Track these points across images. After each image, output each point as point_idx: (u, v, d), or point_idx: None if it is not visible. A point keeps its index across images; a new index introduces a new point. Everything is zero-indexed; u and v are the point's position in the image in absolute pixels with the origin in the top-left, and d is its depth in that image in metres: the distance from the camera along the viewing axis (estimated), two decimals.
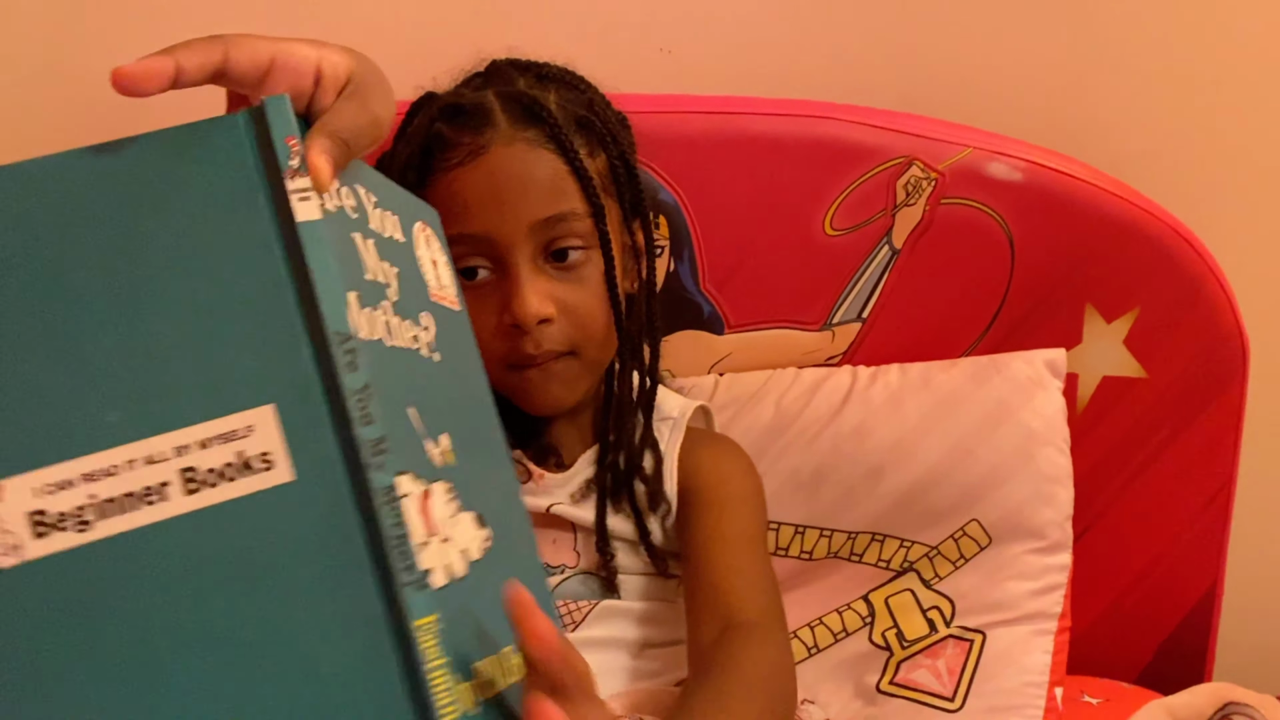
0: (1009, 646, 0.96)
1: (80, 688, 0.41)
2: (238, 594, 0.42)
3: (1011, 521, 0.99)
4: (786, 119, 1.01)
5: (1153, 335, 1.05)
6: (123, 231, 0.44)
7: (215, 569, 0.42)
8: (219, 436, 0.42)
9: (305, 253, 0.44)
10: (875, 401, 1.01)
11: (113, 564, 0.41)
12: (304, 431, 0.42)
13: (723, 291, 1.03)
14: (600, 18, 1.09)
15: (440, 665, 0.42)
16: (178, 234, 0.44)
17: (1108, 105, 1.12)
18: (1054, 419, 1.01)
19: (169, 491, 0.42)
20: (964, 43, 1.11)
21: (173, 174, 0.44)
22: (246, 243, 0.44)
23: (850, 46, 1.11)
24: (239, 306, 0.43)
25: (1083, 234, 1.03)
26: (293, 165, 0.45)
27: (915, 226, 1.03)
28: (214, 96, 0.61)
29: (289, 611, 0.42)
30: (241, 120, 0.46)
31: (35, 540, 0.41)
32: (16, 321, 0.43)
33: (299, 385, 0.43)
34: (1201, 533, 1.09)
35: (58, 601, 0.41)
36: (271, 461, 0.42)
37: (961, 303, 1.05)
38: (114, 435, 0.42)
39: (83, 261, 0.43)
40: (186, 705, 0.41)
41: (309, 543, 0.42)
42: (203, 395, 0.42)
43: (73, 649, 0.41)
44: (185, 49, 0.48)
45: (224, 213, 0.44)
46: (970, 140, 1.03)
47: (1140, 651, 1.13)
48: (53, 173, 0.45)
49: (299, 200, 0.44)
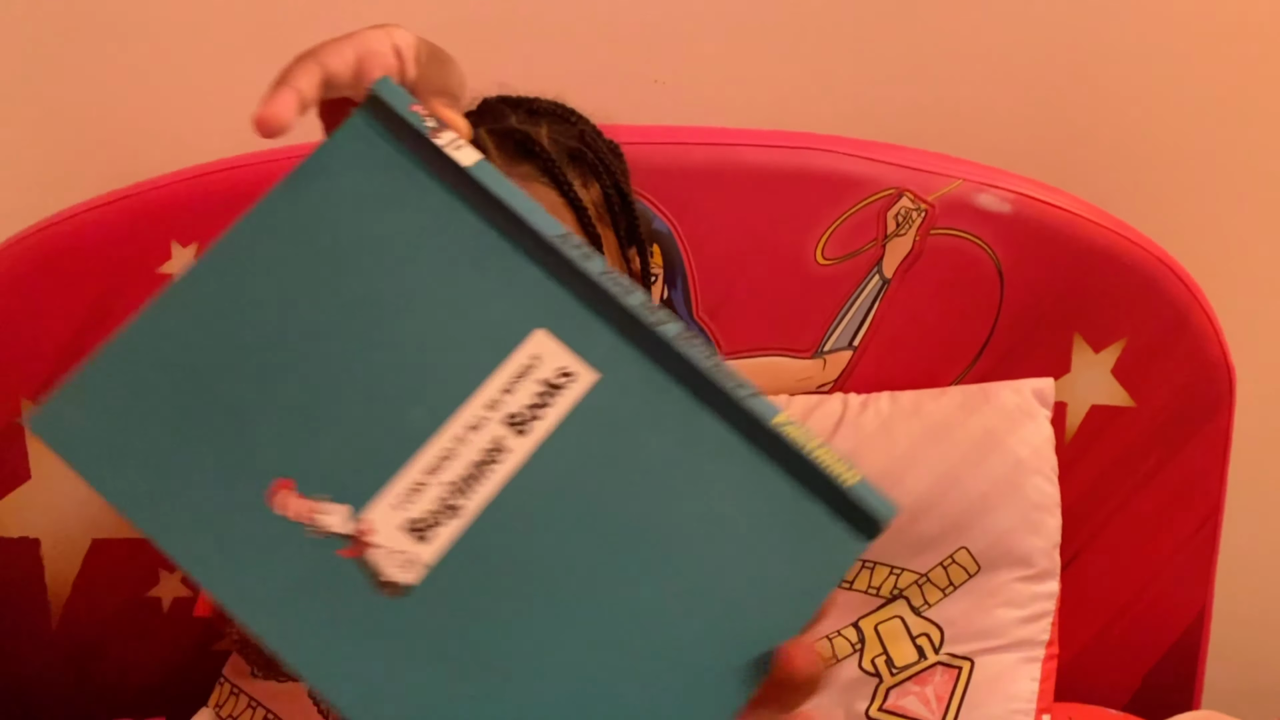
0: (997, 674, 0.97)
1: (537, 646, 0.43)
2: (619, 492, 0.44)
3: (1000, 549, 0.99)
4: (779, 150, 1.02)
5: (1140, 365, 1.06)
6: (333, 260, 0.45)
7: (586, 482, 0.44)
8: (515, 377, 0.44)
9: (488, 188, 0.46)
10: (866, 429, 1.02)
11: (503, 525, 0.43)
12: (580, 333, 0.45)
13: (715, 319, 1.04)
14: (593, 49, 1.10)
15: (818, 445, 0.45)
16: (376, 243, 0.46)
17: (1095, 138, 1.14)
18: (1042, 448, 1.01)
19: (506, 443, 0.44)
20: (954, 76, 1.13)
21: (337, 198, 0.46)
22: (434, 218, 0.46)
23: (842, 79, 1.12)
24: (461, 272, 0.45)
25: (1071, 265, 1.04)
26: (431, 126, 0.47)
27: (906, 256, 1.04)
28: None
29: (662, 480, 0.44)
30: (359, 121, 0.48)
31: (423, 545, 0.43)
32: (311, 371, 0.44)
33: (551, 301, 0.45)
34: (1189, 561, 1.10)
35: (476, 582, 0.43)
36: (572, 373, 0.45)
37: (951, 332, 1.06)
38: (427, 426, 0.44)
39: (319, 300, 0.45)
40: (641, 603, 0.43)
41: (644, 415, 0.45)
42: (478, 356, 0.44)
43: (514, 614, 0.43)
44: (295, 75, 0.49)
45: (399, 205, 0.46)
46: (960, 172, 1.04)
47: (1128, 679, 1.14)
48: (252, 234, 0.46)
49: (455, 150, 0.47)
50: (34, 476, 1.06)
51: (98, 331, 1.03)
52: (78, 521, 1.07)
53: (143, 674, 1.11)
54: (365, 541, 0.42)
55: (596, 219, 0.81)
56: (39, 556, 1.07)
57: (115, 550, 1.08)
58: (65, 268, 1.03)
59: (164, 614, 1.09)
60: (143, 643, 1.10)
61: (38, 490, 1.06)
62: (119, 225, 1.02)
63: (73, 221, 1.03)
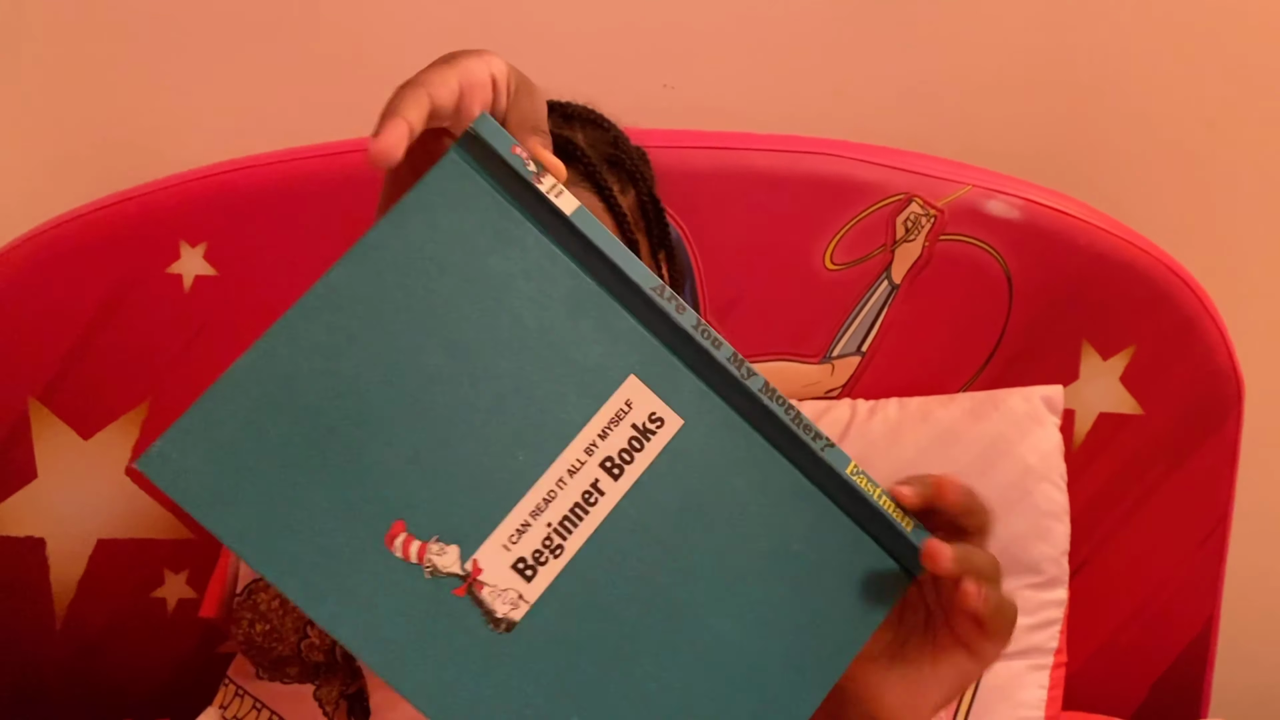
0: (1005, 681, 0.97)
1: (630, 673, 0.47)
2: (702, 530, 0.48)
3: (1008, 556, 0.99)
4: (788, 155, 1.02)
5: (1148, 372, 1.06)
6: (437, 301, 0.46)
7: (672, 521, 0.48)
8: (610, 422, 0.47)
9: (588, 236, 0.48)
10: (874, 435, 1.02)
11: (599, 563, 0.47)
12: (669, 381, 0.48)
13: (724, 323, 1.04)
14: (604, 53, 1.11)
15: (881, 492, 0.50)
16: (479, 285, 0.47)
17: (1105, 146, 1.14)
18: (1051, 455, 1.01)
19: (602, 485, 0.47)
20: (964, 82, 1.13)
21: (438, 239, 0.47)
22: (535, 262, 0.47)
23: (852, 84, 1.12)
24: (559, 317, 0.47)
25: (1079, 272, 1.04)
26: (533, 170, 0.48)
27: (915, 262, 1.04)
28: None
29: (743, 516, 0.49)
30: (458, 157, 0.48)
31: (529, 585, 0.46)
32: (420, 412, 0.46)
33: (642, 349, 0.48)
34: (1197, 569, 1.10)
35: (575, 616, 0.46)
36: (661, 418, 0.48)
37: (960, 338, 1.06)
38: (532, 470, 0.46)
39: (425, 342, 0.46)
40: (717, 627, 0.48)
41: (726, 459, 0.49)
42: (576, 400, 0.47)
43: (609, 644, 0.47)
44: (405, 105, 0.48)
45: (502, 248, 0.47)
46: (969, 178, 1.04)
47: (1135, 689, 1.13)
48: (356, 271, 0.46)
49: (556, 197, 0.48)
50: (40, 475, 1.06)
51: (106, 330, 1.03)
52: (83, 521, 1.07)
53: (147, 675, 1.11)
54: (478, 580, 0.45)
55: (634, 225, 0.81)
56: (44, 556, 1.07)
57: (120, 550, 1.08)
58: (74, 266, 1.03)
59: (168, 615, 1.09)
60: (147, 643, 1.10)
61: (44, 490, 1.06)
62: (128, 225, 1.01)
63: (81, 220, 1.03)
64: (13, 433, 1.04)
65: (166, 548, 1.08)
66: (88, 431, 1.05)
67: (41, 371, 1.03)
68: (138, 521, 1.07)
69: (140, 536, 1.08)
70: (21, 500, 1.06)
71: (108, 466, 1.06)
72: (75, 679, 1.11)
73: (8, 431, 1.04)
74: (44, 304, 1.02)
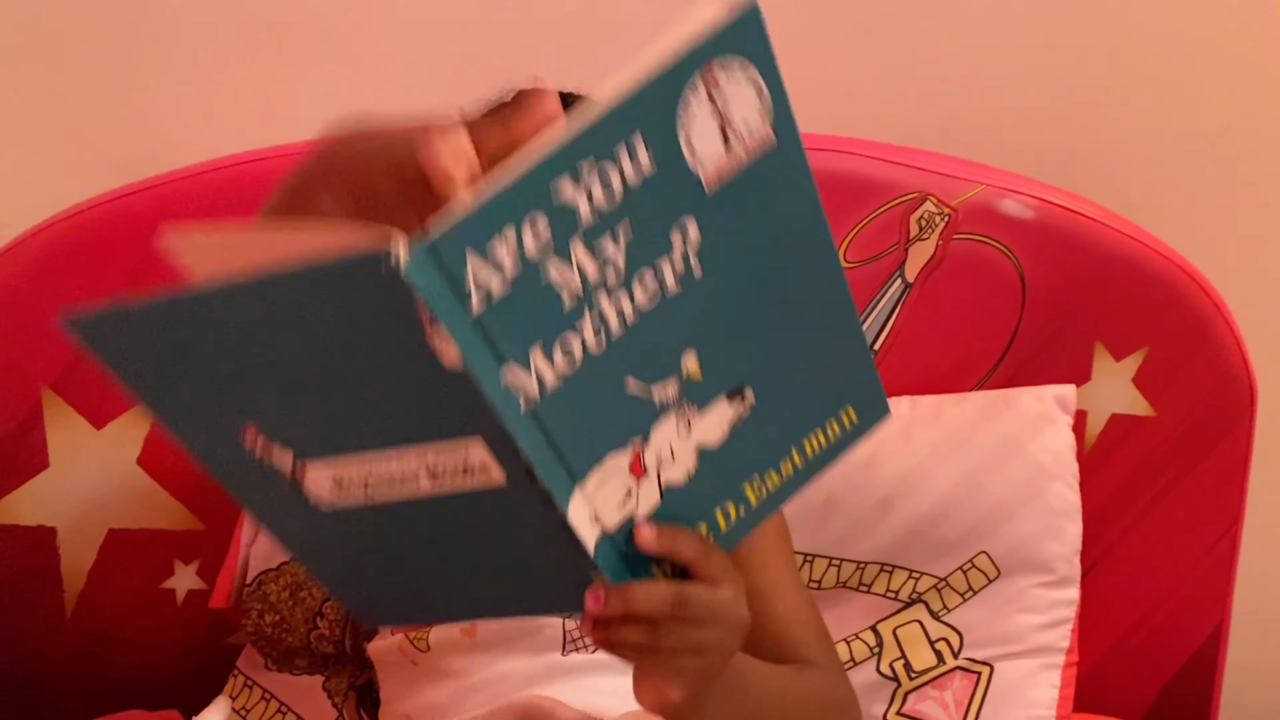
0: (1017, 680, 0.96)
1: (382, 561, 0.58)
2: (466, 535, 0.55)
3: (1020, 555, 0.99)
4: None
5: (1161, 374, 1.05)
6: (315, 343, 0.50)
7: (449, 524, 0.54)
8: (448, 453, 0.51)
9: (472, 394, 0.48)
10: (886, 433, 1.01)
11: (388, 516, 0.54)
12: (505, 455, 0.50)
13: None
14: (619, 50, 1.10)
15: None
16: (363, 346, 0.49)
17: (1119, 146, 1.14)
18: (1063, 454, 1.01)
19: (420, 481, 0.52)
20: (978, 81, 1.13)
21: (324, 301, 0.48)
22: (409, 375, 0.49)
23: (866, 83, 1.13)
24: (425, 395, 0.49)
25: (1093, 272, 1.04)
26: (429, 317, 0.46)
27: (928, 261, 1.04)
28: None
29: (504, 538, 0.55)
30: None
31: (338, 491, 0.53)
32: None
33: (494, 432, 0.49)
34: (1208, 573, 1.09)
35: (357, 524, 0.54)
36: (488, 469, 0.50)
37: (972, 337, 1.06)
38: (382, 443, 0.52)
39: (302, 361, 0.50)
40: (434, 565, 0.57)
41: (512, 520, 0.53)
42: (435, 428, 0.50)
43: (377, 548, 0.57)
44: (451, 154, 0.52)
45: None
46: (983, 177, 1.04)
47: (1144, 692, 1.13)
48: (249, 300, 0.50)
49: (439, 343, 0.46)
50: (52, 465, 1.06)
51: None
52: (94, 511, 1.07)
53: (155, 665, 1.11)
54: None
55: None
56: (55, 545, 1.07)
57: (131, 541, 1.08)
58: (89, 257, 1.03)
59: (178, 606, 1.09)
60: (156, 634, 1.10)
61: (55, 479, 1.06)
62: (144, 215, 1.02)
63: (96, 211, 1.04)
64: (25, 422, 1.05)
65: (177, 539, 1.08)
66: (100, 421, 1.05)
67: (55, 361, 1.04)
68: (149, 512, 1.07)
69: (151, 527, 1.08)
70: (33, 489, 1.06)
71: (120, 457, 1.06)
72: (84, 668, 1.11)
73: (21, 420, 1.05)
74: (59, 293, 1.02)
